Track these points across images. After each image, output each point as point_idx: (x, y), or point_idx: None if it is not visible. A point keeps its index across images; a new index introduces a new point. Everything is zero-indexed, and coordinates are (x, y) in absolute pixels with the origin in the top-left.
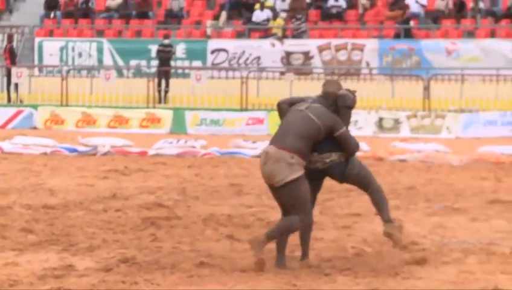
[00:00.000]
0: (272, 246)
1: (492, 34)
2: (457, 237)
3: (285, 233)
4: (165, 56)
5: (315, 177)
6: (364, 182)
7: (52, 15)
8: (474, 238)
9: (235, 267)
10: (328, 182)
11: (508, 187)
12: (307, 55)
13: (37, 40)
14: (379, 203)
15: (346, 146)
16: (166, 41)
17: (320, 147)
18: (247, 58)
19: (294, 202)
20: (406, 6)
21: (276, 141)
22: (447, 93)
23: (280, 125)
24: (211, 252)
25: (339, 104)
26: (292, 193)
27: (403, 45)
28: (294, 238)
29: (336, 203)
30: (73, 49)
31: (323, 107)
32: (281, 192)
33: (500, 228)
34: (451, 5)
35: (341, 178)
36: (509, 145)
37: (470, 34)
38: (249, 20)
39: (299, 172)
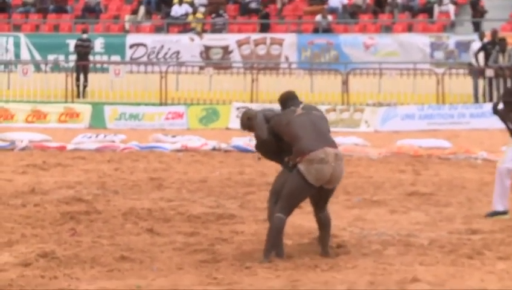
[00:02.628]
0: (193, 240)
1: (409, 29)
2: (377, 229)
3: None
4: (83, 51)
5: None
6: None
7: None
8: (393, 230)
9: (156, 261)
10: (247, 176)
11: (425, 180)
12: (226, 50)
13: None
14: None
15: None
16: (85, 36)
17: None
18: (166, 53)
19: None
20: (325, 1)
21: (327, 142)
22: (365, 87)
23: (305, 129)
24: (131, 246)
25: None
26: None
27: (321, 39)
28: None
29: (256, 196)
30: None
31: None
32: (333, 189)
33: (419, 220)
34: (369, 0)
35: None
36: (427, 139)
37: (388, 29)
38: (167, 15)
39: None
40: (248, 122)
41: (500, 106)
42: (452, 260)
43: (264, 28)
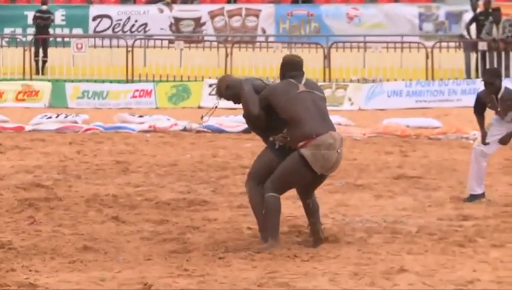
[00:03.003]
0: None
1: None
2: (361, 216)
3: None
4: (43, 23)
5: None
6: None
7: None
8: (379, 216)
9: (121, 252)
10: (221, 159)
11: (413, 162)
12: (197, 22)
13: None
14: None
15: None
16: (44, 7)
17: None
18: (133, 25)
19: None
20: None
21: (330, 126)
22: (348, 62)
23: (308, 111)
24: (95, 236)
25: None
26: None
27: (301, 10)
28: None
29: (231, 181)
30: None
31: (310, 80)
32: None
33: (406, 205)
34: None
35: None
36: (415, 117)
37: None
38: None
39: None
40: (227, 91)
41: (482, 89)
42: (442, 248)
43: None
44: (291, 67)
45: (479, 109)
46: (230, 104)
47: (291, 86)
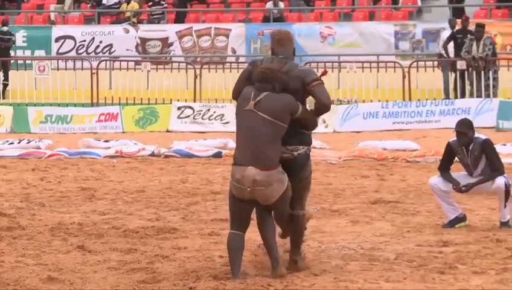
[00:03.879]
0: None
1: (371, 17)
2: (337, 242)
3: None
4: (4, 45)
5: None
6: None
7: None
8: (355, 243)
9: (88, 283)
10: (190, 185)
11: (391, 186)
12: (165, 42)
13: None
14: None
15: (307, 123)
16: (5, 29)
17: (289, 141)
18: (98, 47)
19: (283, 207)
20: None
21: (253, 160)
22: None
23: (240, 136)
24: (60, 266)
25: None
26: (281, 202)
27: (272, 29)
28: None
29: (201, 207)
30: None
31: (271, 95)
32: (275, 206)
33: (384, 231)
34: None
35: (299, 171)
36: (392, 140)
37: (347, 17)
38: (98, 4)
39: (286, 179)
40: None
41: (454, 138)
42: (422, 275)
43: (208, 18)
44: (260, 78)
45: (446, 160)
46: (200, 128)
47: (245, 99)
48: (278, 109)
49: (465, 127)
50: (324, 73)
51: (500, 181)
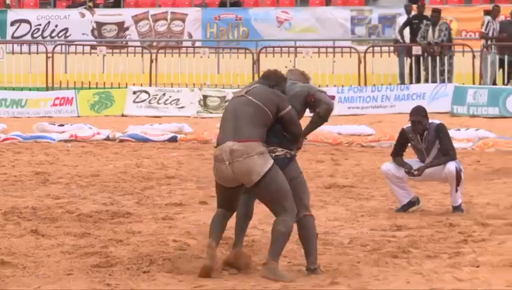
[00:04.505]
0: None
1: (327, 2)
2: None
3: (287, 240)
4: None
5: None
6: (282, 197)
7: None
8: None
9: (41, 267)
10: (145, 169)
11: (345, 170)
12: (121, 27)
13: None
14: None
15: (291, 127)
16: None
17: (268, 139)
18: (53, 31)
19: (277, 195)
20: None
21: (232, 134)
22: (278, 67)
23: (224, 118)
24: (13, 250)
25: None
26: (272, 186)
27: (229, 14)
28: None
29: (156, 191)
30: None
31: (264, 86)
32: (260, 189)
33: (338, 216)
34: None
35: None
36: (348, 125)
37: (303, 2)
38: None
39: (271, 159)
40: None
41: (408, 125)
42: (375, 259)
43: (164, 2)
44: (260, 77)
45: (399, 147)
46: (155, 112)
47: (240, 91)
48: (266, 96)
49: (419, 116)
50: None
51: (451, 166)
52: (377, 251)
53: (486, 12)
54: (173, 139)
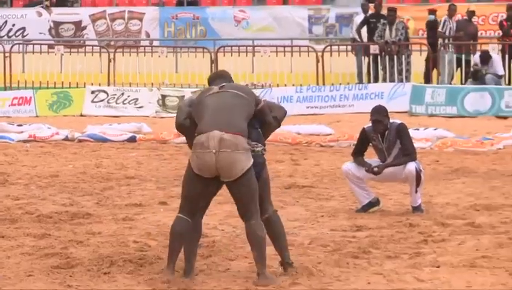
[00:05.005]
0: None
1: (284, 1)
2: None
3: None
4: None
5: None
6: (257, 197)
7: None
8: None
9: (1, 268)
10: (105, 170)
11: (305, 170)
12: (78, 26)
13: None
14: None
15: (267, 117)
16: None
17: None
18: (10, 30)
19: (253, 194)
20: None
21: (222, 125)
22: (236, 66)
23: (207, 112)
24: None
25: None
26: (250, 184)
27: (186, 13)
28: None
29: (115, 192)
30: None
31: (235, 83)
32: (238, 185)
33: (298, 216)
34: None
35: (261, 169)
36: (306, 124)
37: (261, 1)
38: None
39: (251, 158)
40: None
41: (369, 124)
42: (336, 260)
43: (121, 1)
44: (214, 81)
45: (360, 146)
46: (114, 112)
47: (206, 90)
48: (246, 89)
49: (380, 115)
50: None
51: (411, 166)
52: (337, 251)
53: (431, 12)
54: (132, 139)
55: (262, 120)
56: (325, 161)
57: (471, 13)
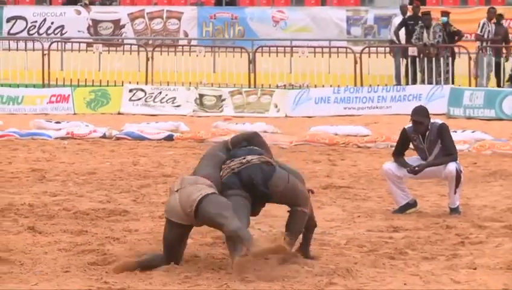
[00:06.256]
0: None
1: (323, 2)
2: None
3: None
4: None
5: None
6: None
7: None
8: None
9: (38, 264)
10: (142, 167)
11: (342, 171)
12: (117, 24)
13: None
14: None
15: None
16: None
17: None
18: (49, 28)
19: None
20: None
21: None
22: (274, 67)
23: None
24: (10, 247)
25: None
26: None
27: (224, 13)
28: None
29: (152, 190)
30: None
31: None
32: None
33: (334, 216)
34: None
35: (264, 186)
36: (344, 125)
37: (299, 1)
38: None
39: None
40: None
41: (409, 125)
42: (372, 260)
43: (160, 0)
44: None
45: (400, 146)
46: (151, 110)
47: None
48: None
49: (421, 116)
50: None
51: (452, 167)
52: (374, 252)
53: (444, 14)
54: (169, 138)
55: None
56: (362, 161)
57: (500, 16)
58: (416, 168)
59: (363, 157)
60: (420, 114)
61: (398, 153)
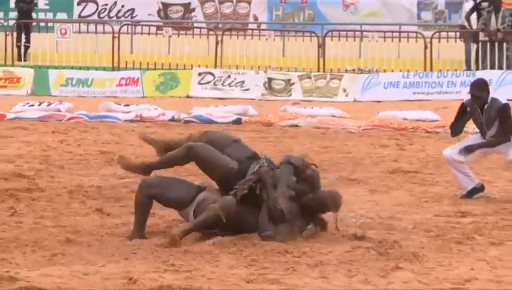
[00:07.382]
0: None
1: None
2: (355, 211)
3: None
4: (26, 7)
5: None
6: None
7: None
8: (373, 212)
9: (105, 245)
10: None
11: (410, 155)
12: (187, 8)
13: None
14: None
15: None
16: None
17: None
18: (119, 11)
19: None
20: None
21: None
22: (344, 51)
23: None
24: (78, 228)
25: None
26: None
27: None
28: None
29: None
30: None
31: None
32: None
33: (402, 201)
34: None
35: None
36: (412, 110)
37: None
38: None
39: None
40: None
41: (468, 98)
42: (439, 245)
43: None
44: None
45: (458, 119)
46: (220, 94)
47: None
48: None
49: (478, 90)
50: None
51: None
52: (441, 237)
53: None
54: (238, 122)
55: None
56: (431, 146)
57: None
58: (467, 148)
59: (432, 143)
60: (477, 88)
61: (455, 124)
